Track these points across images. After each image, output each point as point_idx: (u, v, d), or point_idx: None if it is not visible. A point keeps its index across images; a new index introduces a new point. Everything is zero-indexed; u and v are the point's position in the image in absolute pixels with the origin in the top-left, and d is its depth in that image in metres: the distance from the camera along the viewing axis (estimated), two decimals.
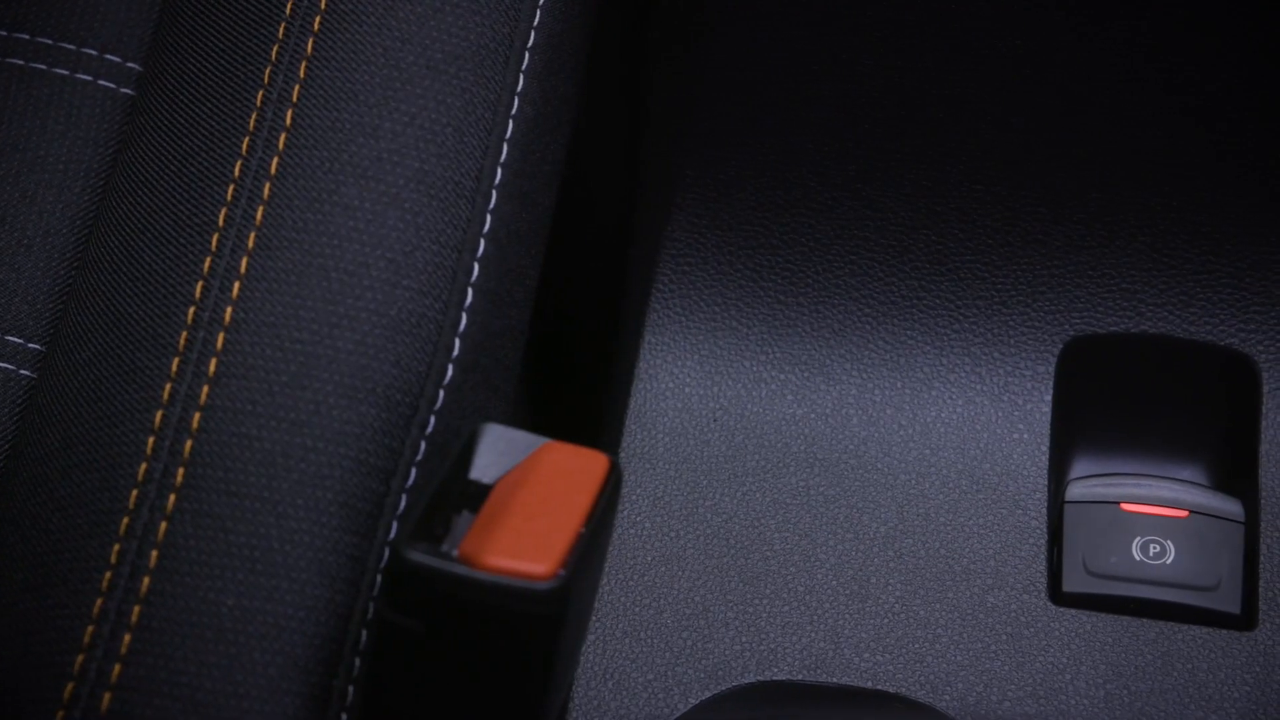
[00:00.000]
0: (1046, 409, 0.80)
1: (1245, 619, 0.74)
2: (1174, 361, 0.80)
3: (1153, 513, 0.76)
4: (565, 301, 0.85)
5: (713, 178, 0.82)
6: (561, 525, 0.55)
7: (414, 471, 0.60)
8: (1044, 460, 0.78)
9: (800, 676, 0.72)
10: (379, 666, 0.56)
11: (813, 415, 0.80)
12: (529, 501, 0.56)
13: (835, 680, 0.72)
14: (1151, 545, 0.75)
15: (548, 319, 0.83)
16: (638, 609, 0.74)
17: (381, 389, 0.59)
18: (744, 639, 0.73)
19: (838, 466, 0.78)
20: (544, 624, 0.53)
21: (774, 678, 0.72)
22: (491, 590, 0.52)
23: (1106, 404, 0.80)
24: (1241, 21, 0.76)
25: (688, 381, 0.81)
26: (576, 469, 0.58)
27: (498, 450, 0.59)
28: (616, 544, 0.76)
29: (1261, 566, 0.75)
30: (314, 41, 0.64)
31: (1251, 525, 0.76)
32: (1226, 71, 0.77)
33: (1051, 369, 0.80)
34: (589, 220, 0.85)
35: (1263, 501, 0.76)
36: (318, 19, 0.64)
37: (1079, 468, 0.79)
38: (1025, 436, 0.79)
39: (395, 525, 0.58)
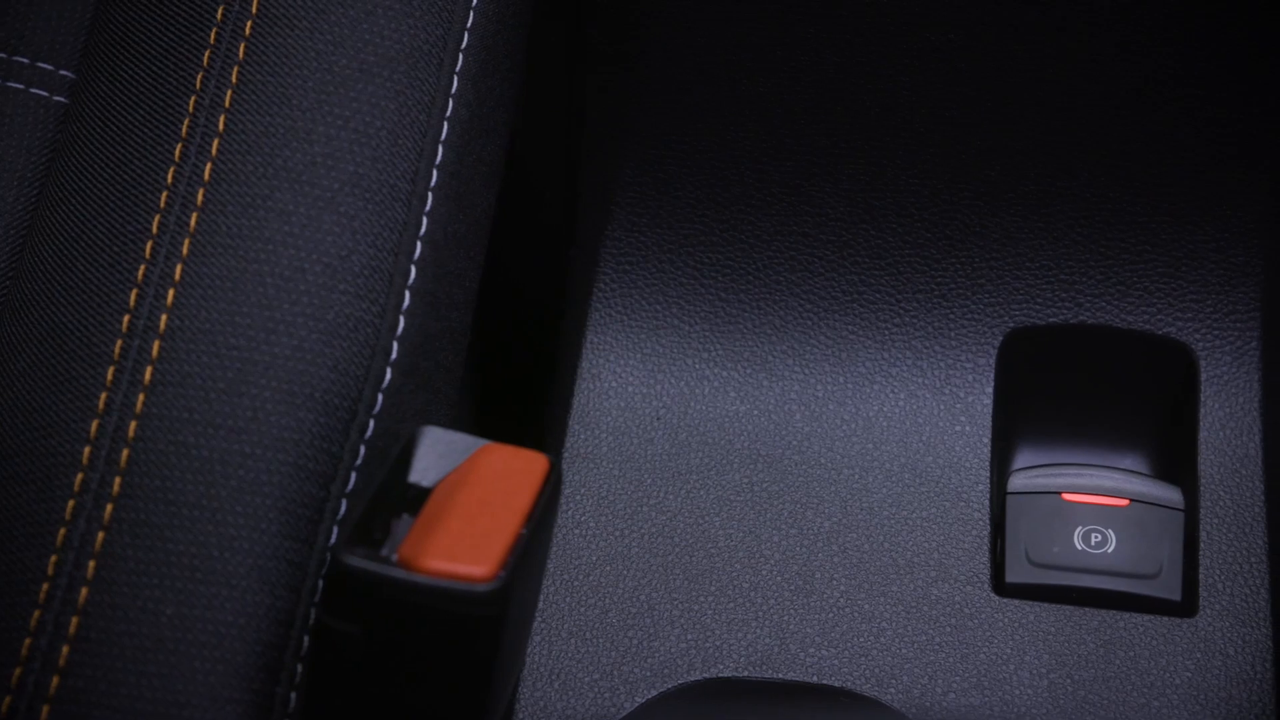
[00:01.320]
0: (988, 401, 0.80)
1: (1186, 606, 0.74)
2: (1113, 351, 0.81)
3: (1094, 502, 0.76)
4: (507, 303, 0.85)
5: (652, 176, 0.82)
6: (501, 526, 0.55)
7: (354, 476, 0.59)
8: (986, 452, 0.79)
9: (746, 673, 0.72)
10: (321, 672, 0.56)
11: (755, 412, 0.80)
12: (468, 503, 0.56)
13: (781, 676, 0.72)
14: (1093, 534, 0.76)
15: (490, 320, 0.83)
16: (583, 609, 0.74)
17: (319, 394, 0.59)
18: (690, 637, 0.73)
19: (781, 462, 0.79)
20: (485, 625, 0.53)
21: (720, 675, 0.72)
22: (431, 593, 0.52)
23: (1047, 395, 0.81)
24: (1172, 11, 0.77)
25: (630, 380, 0.81)
26: (516, 470, 0.58)
27: (437, 453, 0.59)
28: (560, 544, 0.76)
29: (1201, 553, 0.75)
30: (246, 46, 0.64)
31: (1191, 512, 0.76)
32: (1158, 62, 0.78)
33: (992, 361, 0.81)
34: (529, 221, 0.85)
35: (1202, 489, 0.77)
36: (249, 23, 0.64)
37: (1021, 459, 0.80)
38: (967, 429, 0.79)
39: (335, 530, 0.58)
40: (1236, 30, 0.77)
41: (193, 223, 0.61)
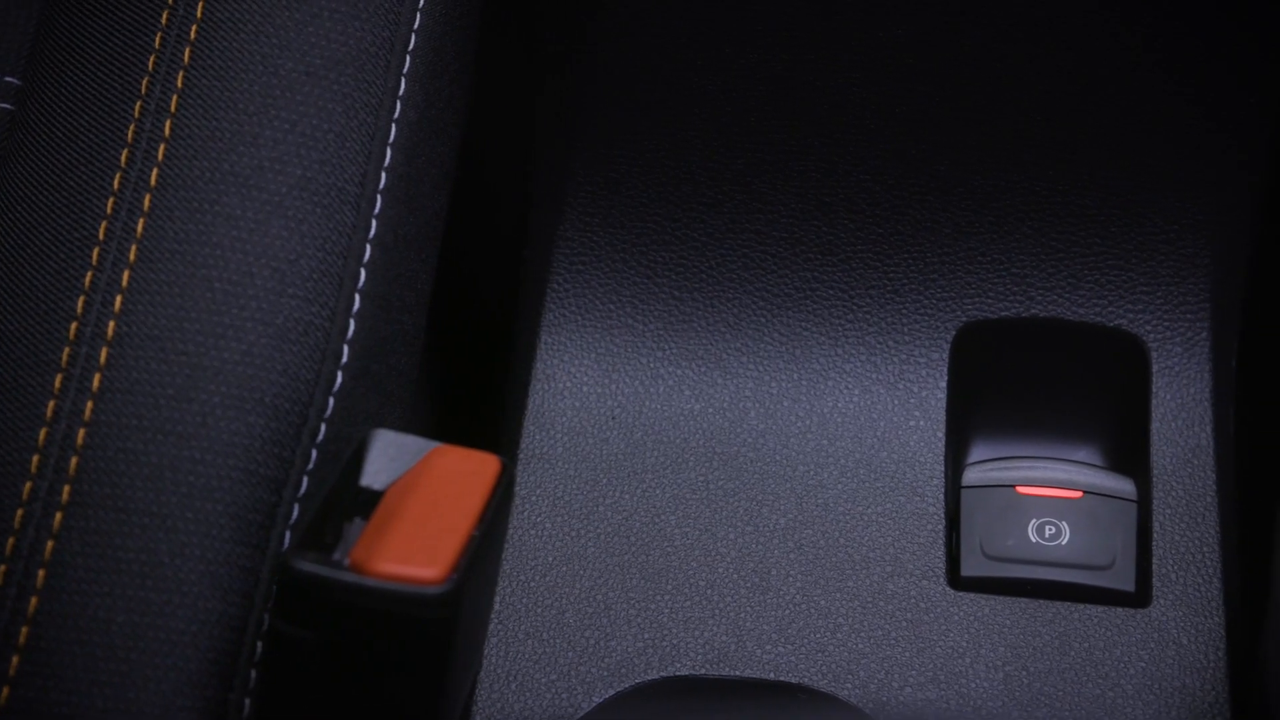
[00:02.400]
0: (941, 395, 0.80)
1: (1139, 596, 0.75)
2: (1065, 344, 0.81)
3: (1047, 494, 0.77)
4: (461, 304, 0.85)
5: (603, 176, 0.82)
6: (452, 529, 0.55)
7: (306, 480, 0.59)
8: (940, 446, 0.79)
9: (703, 671, 0.72)
10: (274, 677, 0.55)
11: (710, 410, 0.80)
12: (420, 506, 0.56)
13: (738, 673, 0.72)
14: (1047, 527, 0.76)
15: (445, 322, 0.83)
16: (540, 609, 0.74)
17: (270, 398, 0.59)
18: (646, 635, 0.73)
19: (736, 460, 0.79)
20: (437, 628, 0.53)
21: (677, 673, 0.72)
22: (382, 596, 0.52)
23: (1000, 388, 0.81)
24: (1119, 8, 0.77)
25: (585, 380, 0.81)
26: (467, 472, 0.58)
27: (388, 456, 0.59)
28: (516, 545, 0.76)
29: (1155, 544, 0.76)
30: (191, 51, 0.63)
31: (1144, 503, 0.77)
32: (1105, 57, 0.78)
33: (945, 355, 0.81)
34: (482, 222, 0.85)
35: (1155, 479, 0.77)
36: (194, 28, 0.64)
37: (975, 452, 0.80)
38: (921, 423, 0.80)
39: (288, 535, 0.58)
40: (1183, 25, 0.77)
41: (139, 229, 0.61)
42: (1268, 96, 0.78)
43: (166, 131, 0.62)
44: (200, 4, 0.64)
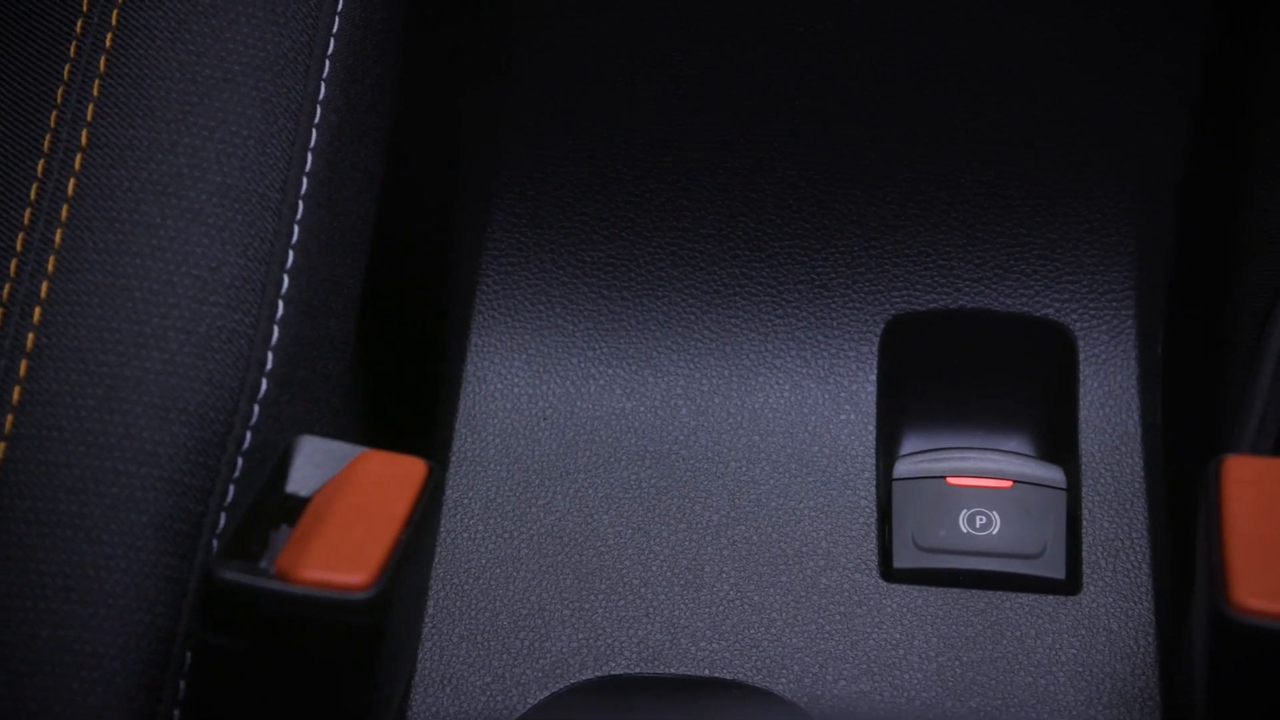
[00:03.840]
0: (871, 388, 0.80)
1: (1070, 584, 0.75)
2: (993, 334, 0.81)
3: (978, 485, 0.77)
4: (391, 308, 0.84)
5: (530, 177, 0.82)
6: (378, 533, 0.54)
7: (232, 489, 0.59)
8: (871, 439, 0.79)
9: (638, 669, 0.72)
10: (203, 688, 0.55)
11: (642, 408, 0.80)
12: (346, 511, 0.56)
13: (673, 671, 0.72)
14: (978, 517, 0.76)
15: (375, 326, 0.82)
16: (473, 612, 0.74)
17: (193, 407, 0.59)
18: (581, 635, 0.73)
19: (669, 458, 0.79)
20: (365, 634, 0.53)
21: (611, 672, 0.72)
22: (308, 604, 0.52)
23: (929, 380, 0.81)
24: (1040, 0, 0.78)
25: (516, 382, 0.81)
26: (393, 476, 0.57)
27: (314, 462, 0.58)
28: (449, 548, 0.76)
29: (1084, 531, 0.76)
30: (107, 59, 0.63)
31: (1073, 491, 0.77)
32: (1027, 48, 0.78)
33: (875, 349, 0.81)
34: (410, 225, 0.85)
35: (1084, 467, 0.78)
36: (109, 36, 0.63)
37: (906, 444, 0.80)
38: (852, 417, 0.80)
39: (215, 544, 0.57)
40: (1101, 13, 0.78)
41: (58, 239, 0.60)
42: (1186, 84, 0.79)
43: (83, 141, 0.62)
44: (115, 12, 0.64)
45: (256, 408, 0.61)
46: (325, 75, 0.66)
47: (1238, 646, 0.50)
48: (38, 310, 0.59)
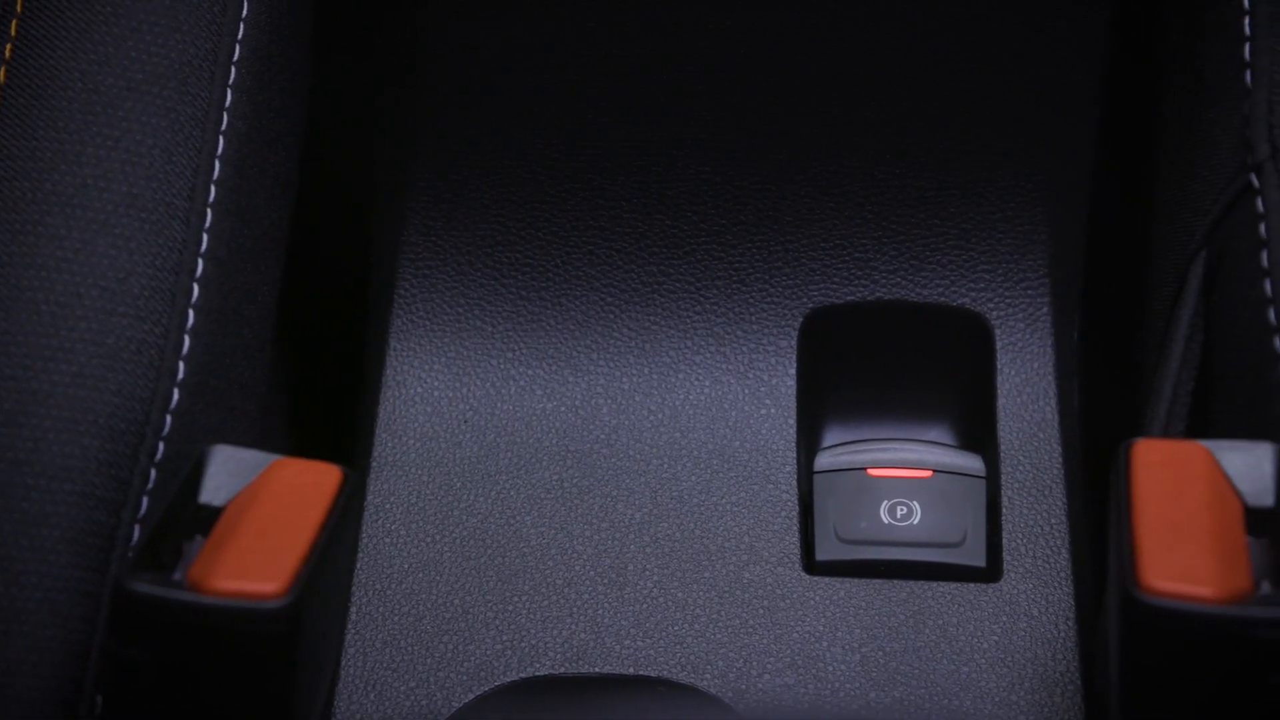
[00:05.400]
0: (791, 382, 0.81)
1: (991, 571, 0.75)
2: (910, 325, 0.82)
3: (898, 475, 0.77)
4: (309, 314, 0.84)
5: (444, 180, 0.82)
6: (292, 542, 0.54)
7: (145, 501, 0.59)
8: (792, 433, 0.79)
9: (562, 670, 0.72)
10: (119, 703, 0.55)
11: (563, 408, 0.80)
12: (259, 520, 0.55)
13: (597, 670, 0.72)
14: (898, 507, 0.77)
15: (295, 333, 0.82)
16: (396, 617, 0.74)
17: (104, 419, 0.58)
18: (505, 637, 0.73)
19: (590, 457, 0.79)
20: (279, 643, 0.52)
21: (536, 673, 0.72)
22: (220, 614, 0.51)
23: (849, 372, 0.82)
24: None
25: (436, 385, 0.81)
26: (307, 483, 0.57)
27: (228, 471, 0.58)
28: (371, 553, 0.76)
29: (1004, 519, 0.76)
30: (6, 70, 0.62)
31: (993, 479, 0.78)
32: (934, 37, 0.79)
33: (793, 342, 0.81)
34: (326, 231, 0.84)
35: (1002, 455, 0.78)
36: (9, 47, 0.63)
37: (827, 437, 0.81)
38: (772, 411, 0.80)
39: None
40: (1009, 4, 0.78)
41: None
42: (1094, 72, 0.79)
43: None
44: (14, 22, 0.63)
45: (169, 418, 0.60)
46: (232, 82, 0.66)
47: (1147, 628, 0.50)
48: None
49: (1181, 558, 0.51)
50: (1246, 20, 0.65)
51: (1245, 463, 0.55)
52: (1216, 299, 0.65)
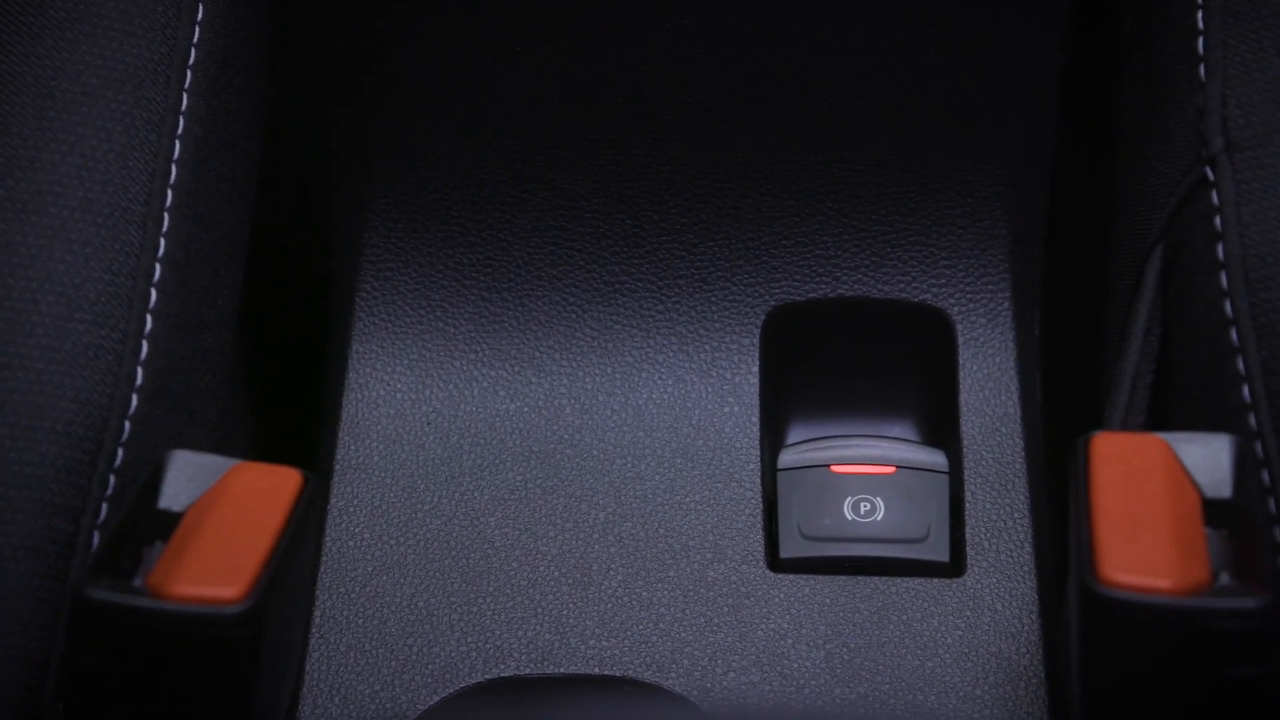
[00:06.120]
0: (754, 380, 0.81)
1: (954, 566, 0.76)
2: (872, 322, 0.82)
3: (861, 472, 0.77)
4: (272, 317, 0.84)
5: (404, 181, 0.82)
6: (252, 546, 0.54)
7: (105, 507, 0.58)
8: (755, 431, 0.79)
9: (527, 671, 0.72)
10: (80, 711, 0.54)
11: (526, 409, 0.80)
12: (219, 525, 0.55)
13: (562, 670, 0.72)
14: (862, 504, 0.77)
15: (256, 336, 0.82)
16: (361, 620, 0.73)
17: (62, 426, 0.58)
18: (470, 639, 0.73)
19: (554, 457, 0.79)
20: (240, 648, 0.52)
21: (501, 675, 0.72)
22: (180, 620, 0.51)
23: (812, 370, 0.82)
24: None
25: (399, 387, 0.81)
26: (267, 487, 0.57)
27: (187, 476, 0.58)
28: (335, 556, 0.75)
29: (967, 514, 0.77)
30: None
31: (956, 474, 0.78)
32: (892, 33, 0.79)
33: (756, 340, 0.81)
34: (288, 233, 0.84)
35: (965, 450, 0.78)
36: None
37: (791, 434, 0.81)
38: (736, 409, 0.80)
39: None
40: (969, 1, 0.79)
41: None
42: (1051, 67, 0.80)
43: None
44: None
45: (127, 424, 0.60)
46: (187, 85, 0.66)
47: (1107, 620, 0.51)
48: None
49: (1140, 550, 0.51)
50: (1199, 14, 0.65)
51: (1203, 455, 0.55)
52: (1174, 292, 0.65)
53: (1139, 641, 0.51)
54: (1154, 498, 0.53)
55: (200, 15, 0.67)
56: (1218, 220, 0.62)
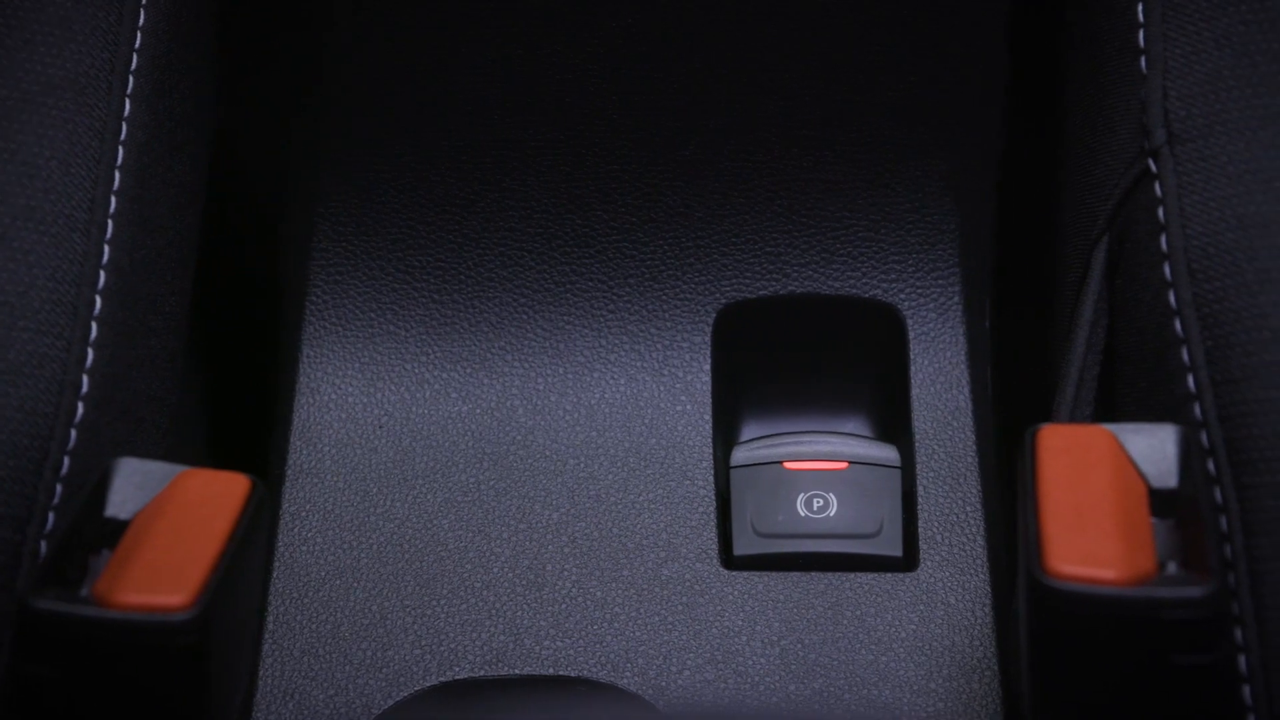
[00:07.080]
0: (706, 378, 0.81)
1: (907, 561, 0.76)
2: (823, 318, 0.82)
3: (813, 468, 0.78)
4: (220, 322, 0.84)
5: (353, 184, 0.81)
6: (199, 553, 0.54)
7: (52, 516, 0.58)
8: (708, 429, 0.79)
9: (481, 673, 0.72)
10: None
11: (478, 410, 0.80)
12: (166, 532, 0.55)
13: (517, 672, 0.72)
14: (815, 500, 0.77)
15: (206, 342, 0.81)
16: (314, 625, 0.73)
17: (6, 436, 0.58)
18: (424, 642, 0.73)
19: (507, 459, 0.78)
20: (188, 655, 0.52)
21: (455, 677, 0.72)
22: (127, 628, 0.51)
23: (763, 367, 0.82)
24: None
25: (350, 391, 0.81)
26: (214, 494, 0.57)
27: (134, 484, 0.58)
28: (287, 561, 0.75)
29: (920, 508, 0.77)
30: None
31: (908, 469, 0.78)
32: (837, 30, 0.79)
33: (707, 338, 0.81)
34: (237, 239, 0.84)
35: (917, 444, 0.79)
36: None
37: (744, 432, 0.81)
38: (688, 408, 0.80)
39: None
40: None
41: None
42: (998, 60, 0.80)
43: None
44: None
45: (73, 432, 0.59)
46: (130, 91, 0.65)
47: (1054, 612, 0.51)
48: None
49: (1086, 541, 0.51)
50: (1140, 7, 0.65)
51: (1149, 445, 0.56)
52: (1120, 283, 0.65)
53: (1087, 632, 0.51)
54: (1100, 489, 0.53)
55: (142, 21, 0.67)
56: (1161, 212, 0.62)
